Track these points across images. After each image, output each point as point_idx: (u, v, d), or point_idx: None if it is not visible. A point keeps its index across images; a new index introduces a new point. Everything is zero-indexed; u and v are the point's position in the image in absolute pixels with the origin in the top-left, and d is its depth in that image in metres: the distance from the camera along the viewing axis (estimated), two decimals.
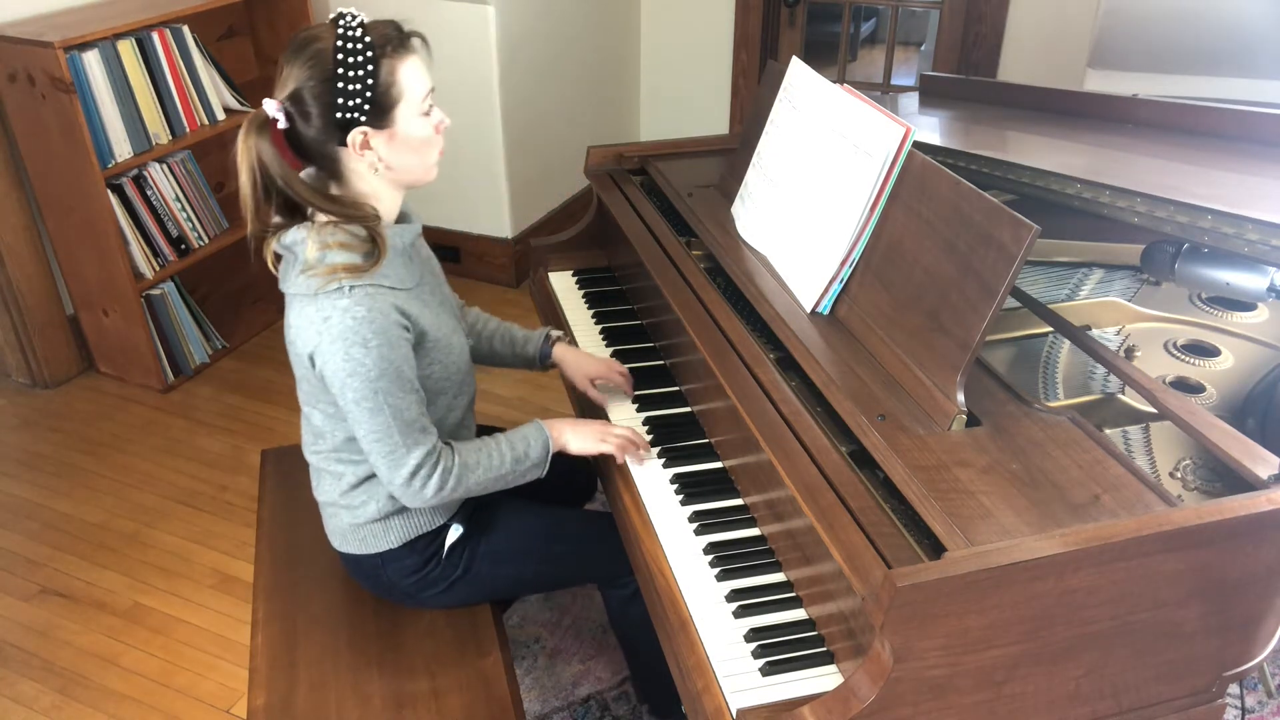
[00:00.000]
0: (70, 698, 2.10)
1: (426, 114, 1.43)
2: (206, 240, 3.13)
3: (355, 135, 1.38)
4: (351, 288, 1.38)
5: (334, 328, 1.37)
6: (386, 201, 1.47)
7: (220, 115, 3.09)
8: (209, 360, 3.21)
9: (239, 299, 3.53)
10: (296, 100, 1.36)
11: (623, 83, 4.12)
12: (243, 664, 2.15)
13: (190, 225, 3.07)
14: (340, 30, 1.35)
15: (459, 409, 1.61)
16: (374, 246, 1.41)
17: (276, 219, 1.43)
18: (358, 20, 1.36)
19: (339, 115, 1.36)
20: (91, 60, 2.70)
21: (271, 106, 1.37)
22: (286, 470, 1.97)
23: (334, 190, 1.44)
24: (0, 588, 2.37)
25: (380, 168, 1.42)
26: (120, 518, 2.58)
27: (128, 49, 2.80)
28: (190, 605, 2.32)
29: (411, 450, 1.44)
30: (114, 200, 2.81)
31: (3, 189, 2.86)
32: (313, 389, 1.49)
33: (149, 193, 2.93)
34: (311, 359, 1.42)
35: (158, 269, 2.97)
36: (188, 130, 3.00)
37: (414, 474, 1.45)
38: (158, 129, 2.91)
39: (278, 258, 1.46)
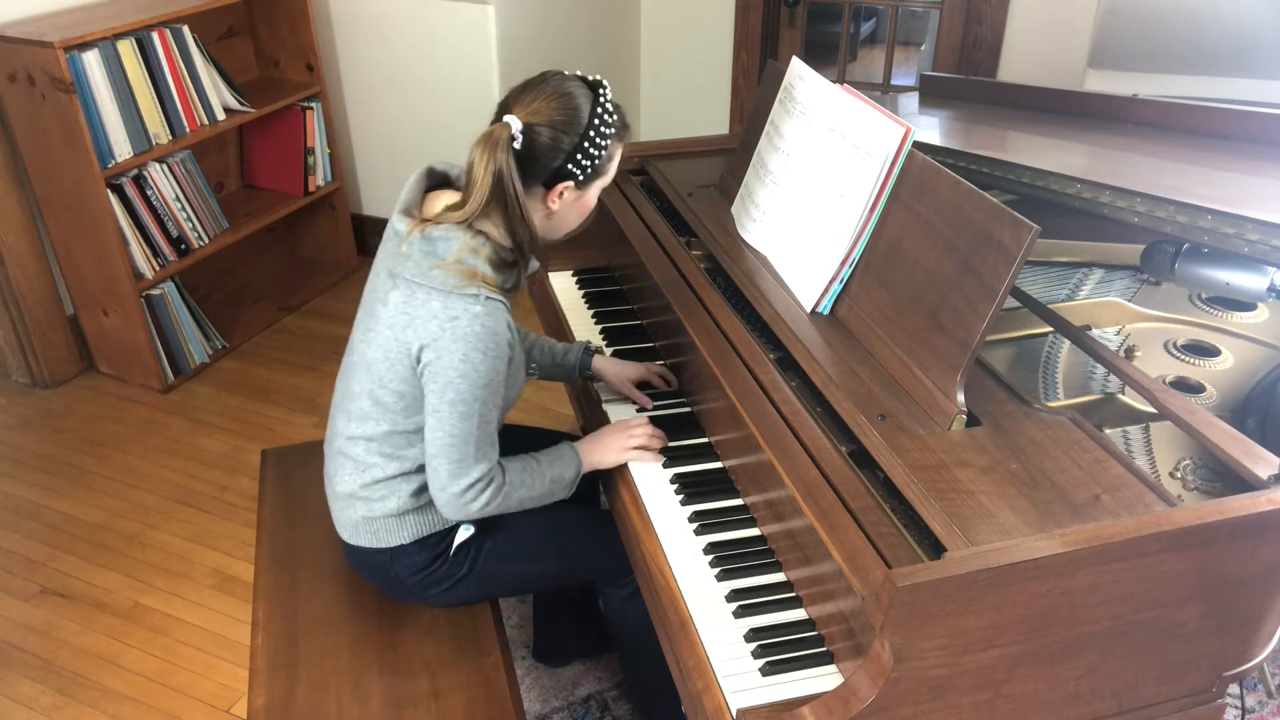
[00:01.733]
0: (70, 698, 2.10)
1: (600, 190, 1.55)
2: (206, 240, 3.13)
3: (561, 185, 1.47)
4: (487, 297, 1.43)
5: (461, 328, 1.41)
6: None
7: (220, 115, 3.09)
8: (209, 360, 3.21)
9: (239, 299, 3.53)
10: (537, 132, 1.43)
11: (623, 83, 4.12)
12: (243, 664, 2.15)
13: (190, 225, 3.07)
14: (600, 99, 1.47)
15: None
16: (513, 272, 1.49)
17: (441, 205, 1.50)
18: (611, 97, 1.49)
19: (566, 166, 1.46)
20: (91, 60, 2.70)
21: (517, 125, 1.43)
22: (286, 470, 1.97)
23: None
24: (0, 588, 2.37)
25: (553, 215, 1.52)
26: (120, 518, 2.58)
27: (128, 49, 2.80)
28: (190, 605, 2.32)
29: (478, 463, 1.48)
30: (114, 200, 2.81)
31: (3, 189, 2.86)
32: (390, 374, 1.50)
33: (149, 193, 2.93)
34: (420, 351, 1.45)
35: (158, 269, 2.97)
36: (188, 130, 3.00)
37: (471, 487, 1.49)
38: (158, 129, 2.91)
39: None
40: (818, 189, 1.63)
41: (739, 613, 1.36)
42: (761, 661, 1.28)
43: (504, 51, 3.32)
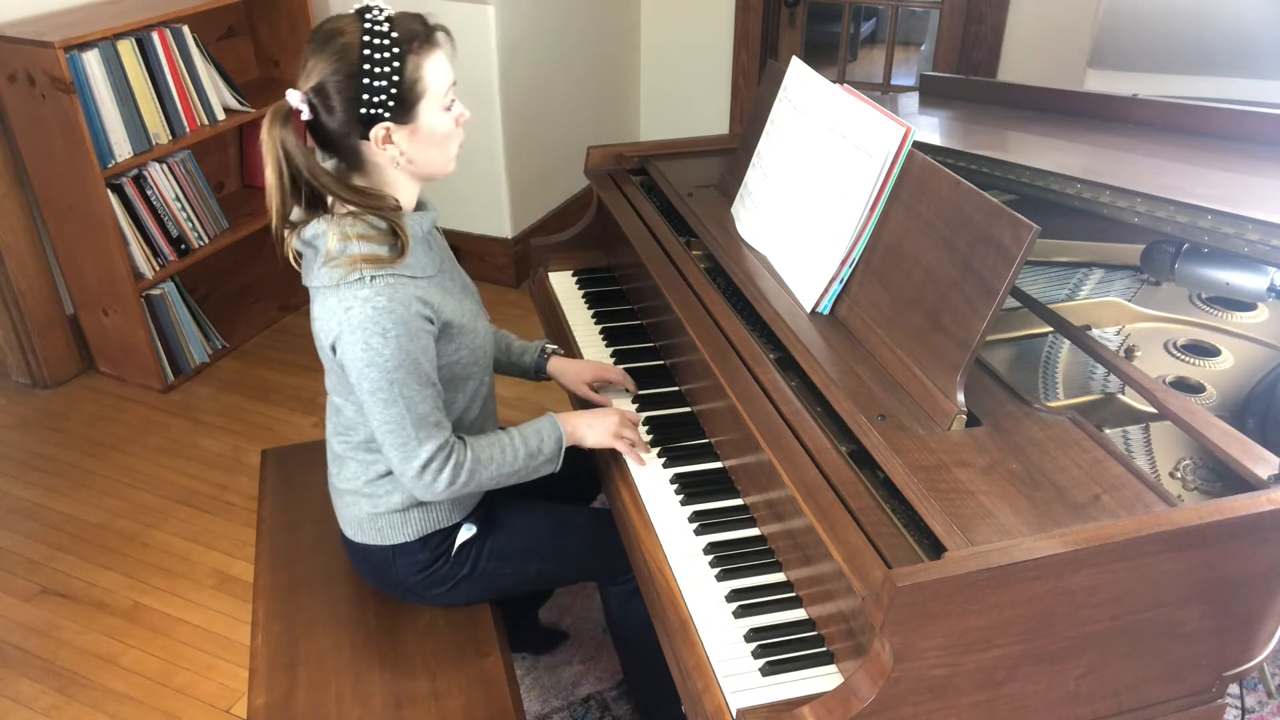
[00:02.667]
0: (70, 698, 2.10)
1: (448, 108, 1.45)
2: (206, 240, 3.13)
3: (378, 130, 1.39)
4: (373, 278, 1.39)
5: (355, 317, 1.39)
6: (405, 192, 1.49)
7: (220, 115, 3.09)
8: (209, 360, 3.21)
9: (239, 299, 3.53)
10: (320, 93, 1.37)
11: (623, 83, 4.12)
12: (243, 664, 2.15)
13: (190, 225, 3.07)
14: (367, 25, 1.35)
15: (481, 398, 1.62)
16: (395, 238, 1.43)
17: (298, 213, 1.44)
18: (384, 15, 1.36)
19: (363, 111, 1.37)
20: (91, 60, 2.70)
21: (295, 97, 1.37)
22: (286, 470, 1.97)
23: (356, 181, 1.45)
24: (0, 588, 2.37)
25: (401, 161, 1.43)
26: (120, 518, 2.58)
27: (128, 49, 2.80)
28: (190, 605, 2.32)
29: (424, 443, 1.45)
30: (114, 200, 2.82)
31: (3, 189, 2.86)
32: (340, 381, 1.50)
33: (149, 193, 2.93)
34: (334, 349, 1.43)
35: (158, 269, 2.97)
36: (188, 130, 3.00)
37: (425, 466, 1.46)
38: (158, 129, 2.91)
39: (299, 255, 1.48)
40: (818, 189, 1.63)
41: (739, 613, 1.36)
42: (761, 661, 1.28)
43: (504, 51, 3.32)
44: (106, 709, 2.08)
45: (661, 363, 1.89)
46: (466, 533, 1.62)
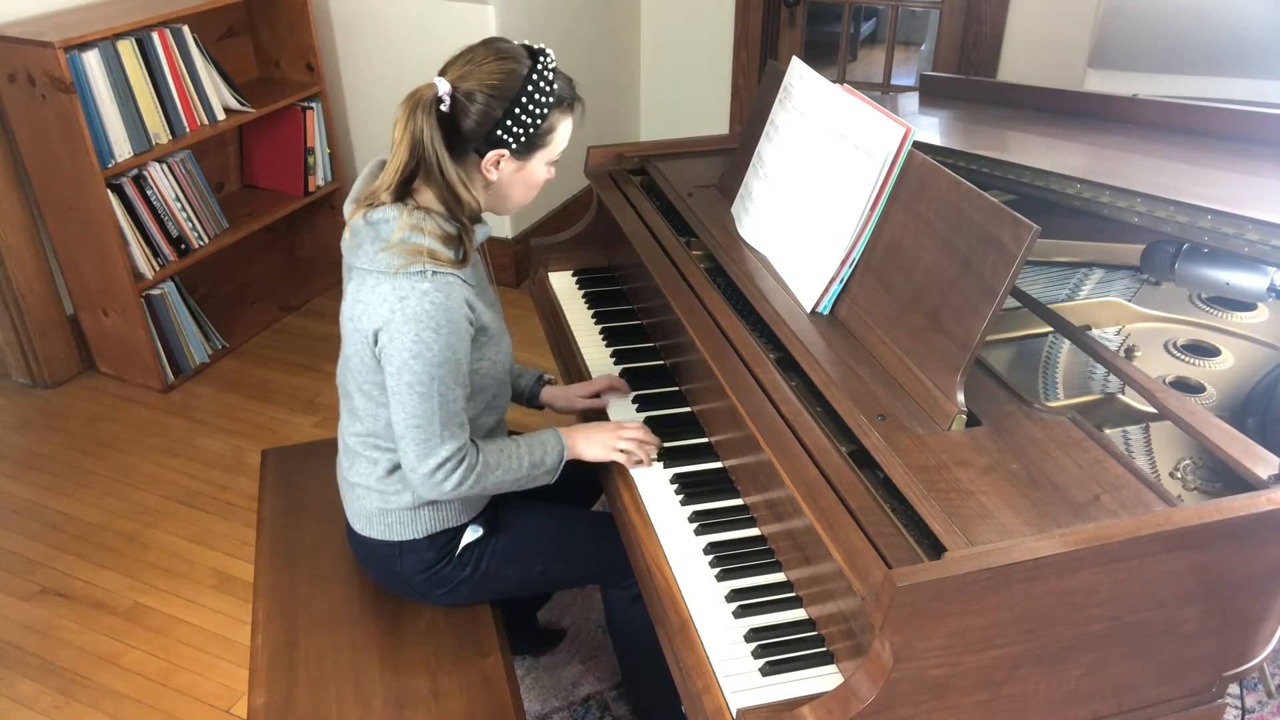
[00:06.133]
0: (70, 698, 2.10)
1: (549, 165, 1.53)
2: (206, 240, 3.13)
3: (496, 153, 1.45)
4: (434, 273, 1.42)
5: (410, 308, 1.40)
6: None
7: (220, 115, 3.09)
8: (209, 360, 3.21)
9: (239, 299, 3.54)
10: (468, 97, 1.41)
11: (623, 83, 4.12)
12: (243, 664, 2.15)
13: (190, 225, 3.07)
14: (539, 67, 1.44)
15: (496, 410, 1.64)
16: (459, 245, 1.47)
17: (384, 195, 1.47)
18: (554, 65, 1.47)
19: (497, 132, 1.43)
20: (91, 60, 2.70)
21: (444, 87, 1.41)
22: (286, 470, 1.97)
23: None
24: (0, 588, 2.37)
25: (492, 185, 1.50)
26: (120, 518, 2.58)
27: (128, 49, 2.80)
28: (190, 605, 2.32)
29: (446, 442, 1.47)
30: (114, 200, 2.81)
31: (3, 189, 2.86)
32: (363, 368, 1.50)
33: (149, 193, 2.93)
34: (376, 335, 1.44)
35: (158, 269, 2.98)
36: (188, 130, 3.00)
37: (441, 465, 1.47)
38: (158, 129, 2.91)
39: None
40: (818, 189, 1.63)
41: (739, 613, 1.36)
42: (761, 661, 1.28)
43: None
44: (106, 709, 2.08)
45: (661, 363, 1.89)
46: (473, 534, 1.62)
